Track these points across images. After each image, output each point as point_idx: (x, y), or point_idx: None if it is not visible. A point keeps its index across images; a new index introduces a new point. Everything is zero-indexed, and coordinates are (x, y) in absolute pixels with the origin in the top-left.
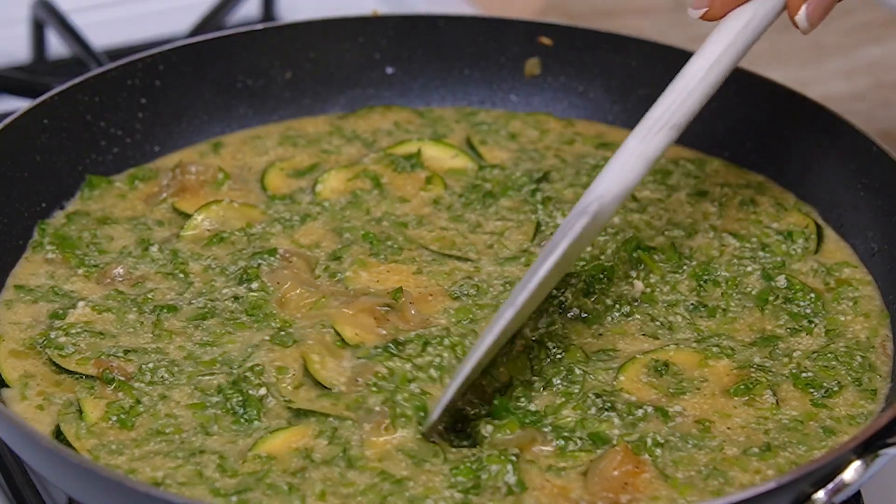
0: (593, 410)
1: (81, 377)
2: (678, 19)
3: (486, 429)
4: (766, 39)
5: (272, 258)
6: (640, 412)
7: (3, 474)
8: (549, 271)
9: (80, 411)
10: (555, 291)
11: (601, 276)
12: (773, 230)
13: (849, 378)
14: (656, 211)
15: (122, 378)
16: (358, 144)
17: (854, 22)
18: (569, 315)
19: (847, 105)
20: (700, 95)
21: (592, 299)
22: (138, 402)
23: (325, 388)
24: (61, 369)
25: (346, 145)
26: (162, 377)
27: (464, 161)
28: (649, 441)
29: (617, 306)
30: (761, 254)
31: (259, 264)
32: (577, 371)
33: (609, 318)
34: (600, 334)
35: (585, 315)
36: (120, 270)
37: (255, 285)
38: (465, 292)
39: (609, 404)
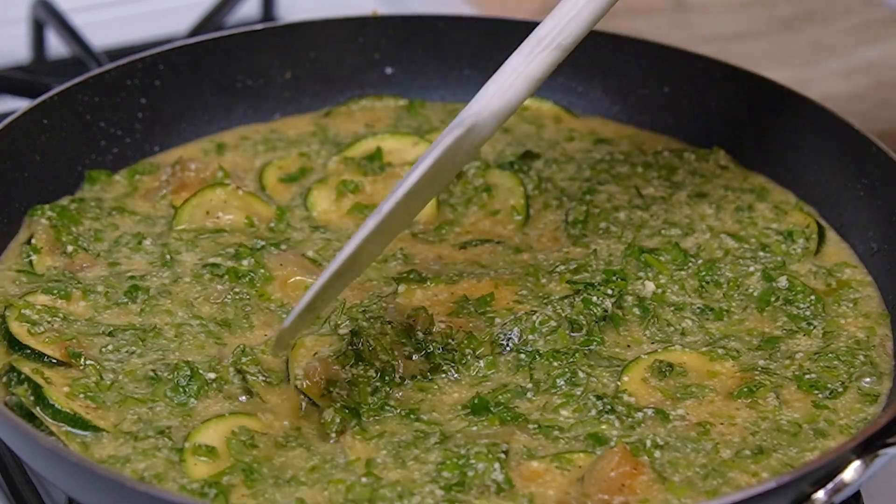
0: (593, 412)
1: (42, 358)
2: (678, 19)
3: (458, 424)
4: (766, 39)
5: (276, 249)
6: (639, 415)
7: (3, 474)
8: (415, 183)
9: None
10: (595, 299)
11: (614, 278)
12: (772, 230)
13: (852, 378)
14: (657, 209)
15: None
16: (329, 146)
17: (854, 22)
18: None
19: (847, 105)
20: (588, 17)
21: (614, 302)
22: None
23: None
24: (16, 347)
25: (323, 149)
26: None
27: (425, 148)
28: (648, 443)
29: (634, 310)
30: (761, 254)
31: (262, 246)
32: (581, 374)
33: (625, 324)
34: (622, 337)
35: (608, 321)
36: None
37: (246, 262)
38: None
39: (609, 407)
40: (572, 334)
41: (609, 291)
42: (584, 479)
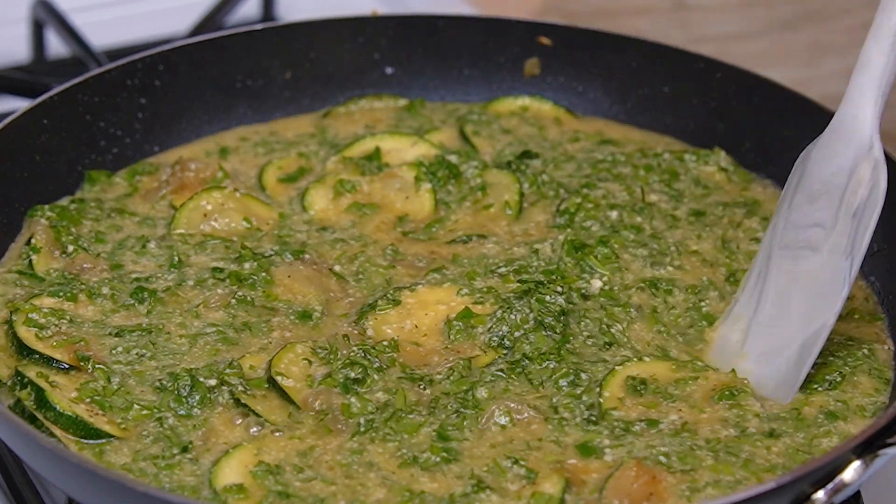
0: (578, 420)
1: (51, 362)
2: (678, 19)
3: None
4: (766, 39)
5: (290, 256)
6: (636, 427)
7: (3, 474)
8: None
9: (40, 393)
10: (548, 297)
11: (553, 277)
12: (756, 241)
13: (853, 370)
14: (658, 223)
15: (98, 362)
16: (327, 147)
17: (854, 22)
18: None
19: None
20: None
21: (566, 299)
22: (109, 380)
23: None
24: (24, 353)
25: (322, 149)
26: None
27: (424, 148)
28: (655, 452)
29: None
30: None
31: (270, 255)
32: (584, 375)
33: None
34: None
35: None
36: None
37: (247, 265)
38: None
39: (594, 417)
40: (547, 333)
41: (559, 289)
42: (602, 495)
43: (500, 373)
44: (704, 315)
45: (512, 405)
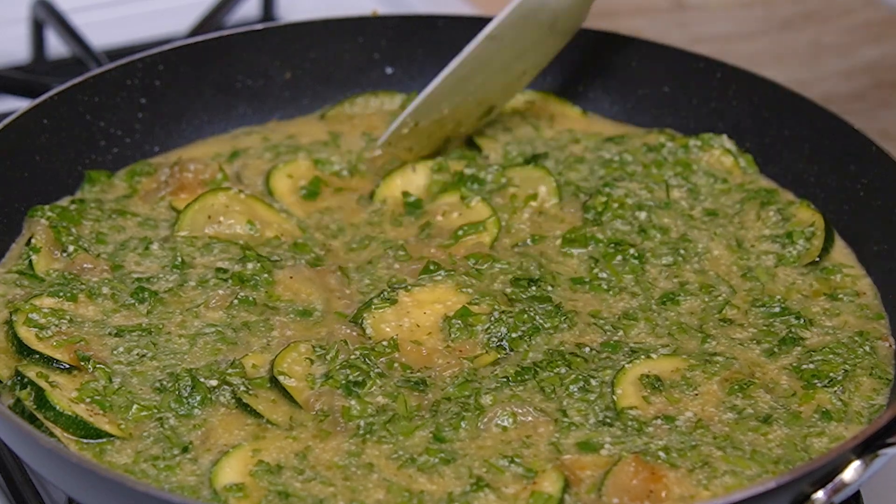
0: (592, 421)
1: (51, 362)
2: (678, 19)
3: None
4: (766, 39)
5: (300, 259)
6: (650, 429)
7: (3, 474)
8: (495, 27)
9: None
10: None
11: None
12: (766, 237)
13: (854, 368)
14: (681, 224)
15: (98, 361)
16: (339, 155)
17: (854, 22)
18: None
19: (847, 105)
20: None
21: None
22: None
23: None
24: (25, 352)
25: (333, 156)
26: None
27: (427, 173)
28: (653, 447)
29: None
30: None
31: (276, 259)
32: (594, 381)
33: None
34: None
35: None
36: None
37: (250, 265)
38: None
39: (609, 419)
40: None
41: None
42: (601, 493)
43: (505, 379)
44: (719, 307)
45: (518, 410)
